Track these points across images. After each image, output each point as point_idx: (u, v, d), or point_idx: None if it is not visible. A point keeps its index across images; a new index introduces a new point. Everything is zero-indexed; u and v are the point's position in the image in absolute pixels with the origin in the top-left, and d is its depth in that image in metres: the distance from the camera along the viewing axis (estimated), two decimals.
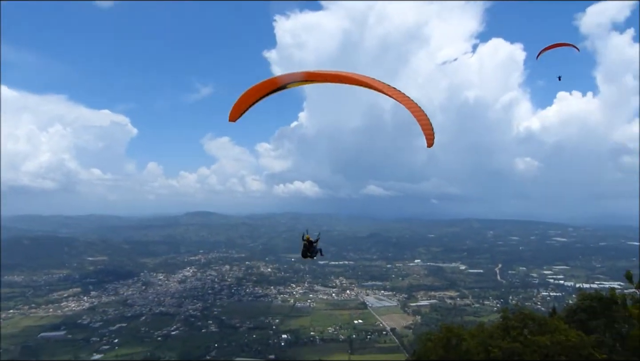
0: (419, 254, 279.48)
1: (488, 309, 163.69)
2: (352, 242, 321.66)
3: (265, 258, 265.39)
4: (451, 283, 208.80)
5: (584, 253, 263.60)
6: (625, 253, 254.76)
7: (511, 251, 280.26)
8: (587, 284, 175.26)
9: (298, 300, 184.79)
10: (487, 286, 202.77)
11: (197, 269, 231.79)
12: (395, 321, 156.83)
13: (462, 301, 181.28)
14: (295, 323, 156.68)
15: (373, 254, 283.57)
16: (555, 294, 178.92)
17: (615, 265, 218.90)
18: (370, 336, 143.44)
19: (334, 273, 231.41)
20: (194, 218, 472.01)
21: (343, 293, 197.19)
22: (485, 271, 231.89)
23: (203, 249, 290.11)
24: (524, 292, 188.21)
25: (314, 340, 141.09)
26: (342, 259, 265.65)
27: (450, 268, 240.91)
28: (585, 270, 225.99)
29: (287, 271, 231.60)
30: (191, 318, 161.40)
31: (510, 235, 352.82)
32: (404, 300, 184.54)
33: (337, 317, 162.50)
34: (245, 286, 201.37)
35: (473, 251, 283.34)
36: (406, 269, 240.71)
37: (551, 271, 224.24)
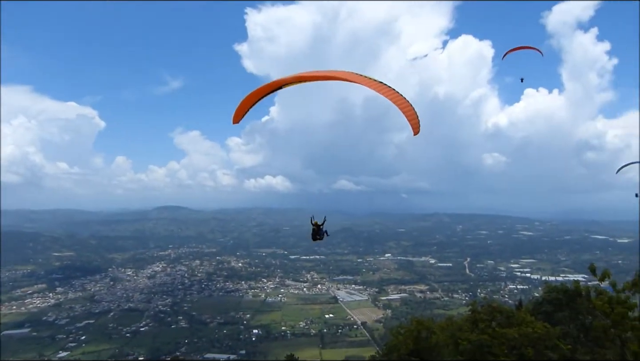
0: (390, 248, 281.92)
1: (457, 302, 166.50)
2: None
3: (236, 252, 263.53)
4: (421, 276, 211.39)
5: (549, 247, 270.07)
6: (589, 247, 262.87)
7: (480, 245, 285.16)
8: (553, 277, 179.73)
9: (269, 295, 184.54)
10: (456, 279, 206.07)
11: (167, 264, 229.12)
12: (366, 315, 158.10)
13: (432, 294, 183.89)
14: (266, 318, 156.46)
15: (344, 248, 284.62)
16: (522, 287, 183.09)
17: (579, 258, 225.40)
18: (341, 331, 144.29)
19: (305, 268, 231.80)
20: (164, 213, 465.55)
21: (314, 287, 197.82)
22: (454, 264, 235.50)
23: (173, 244, 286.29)
24: (492, 285, 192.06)
25: (285, 335, 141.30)
26: (313, 254, 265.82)
27: (420, 262, 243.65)
28: (551, 263, 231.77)
29: (258, 266, 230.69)
30: (161, 314, 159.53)
31: (479, 229, 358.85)
32: (375, 294, 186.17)
33: (308, 312, 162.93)
34: (216, 281, 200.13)
35: (442, 245, 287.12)
36: (377, 263, 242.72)
37: (518, 265, 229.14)
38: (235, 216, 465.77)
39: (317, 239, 18.54)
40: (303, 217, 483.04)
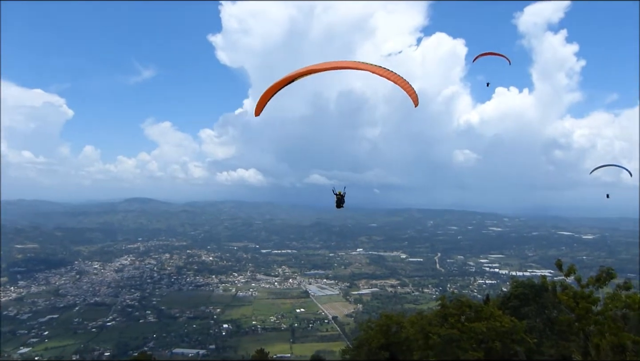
0: (361, 243, 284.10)
1: (427, 297, 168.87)
2: (295, 231, 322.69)
3: (207, 246, 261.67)
4: (392, 271, 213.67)
5: (517, 242, 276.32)
6: (556, 243, 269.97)
7: (450, 241, 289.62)
8: (520, 272, 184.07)
9: (240, 289, 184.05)
10: (426, 274, 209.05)
11: (136, 257, 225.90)
12: (337, 310, 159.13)
13: (403, 289, 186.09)
14: (236, 312, 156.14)
15: (316, 243, 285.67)
16: (491, 282, 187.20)
17: (546, 254, 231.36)
18: (312, 325, 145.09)
19: (277, 262, 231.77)
20: (133, 205, 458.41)
21: (285, 281, 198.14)
22: (425, 259, 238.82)
23: (142, 237, 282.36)
24: (461, 280, 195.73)
25: (255, 329, 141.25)
26: (285, 248, 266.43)
27: (391, 257, 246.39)
28: (519, 259, 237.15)
29: (229, 260, 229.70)
30: (128, 308, 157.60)
31: (449, 225, 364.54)
32: (346, 289, 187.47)
33: (279, 306, 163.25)
34: (186, 275, 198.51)
35: (413, 240, 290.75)
36: (348, 258, 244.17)
37: (487, 260, 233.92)
38: (206, 209, 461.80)
39: (341, 207, 21.08)
40: (275, 211, 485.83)
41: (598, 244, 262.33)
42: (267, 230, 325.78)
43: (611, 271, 28.13)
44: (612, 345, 21.87)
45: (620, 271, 55.75)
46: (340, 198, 20.84)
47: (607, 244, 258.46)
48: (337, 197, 20.93)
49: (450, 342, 31.28)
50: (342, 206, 21.04)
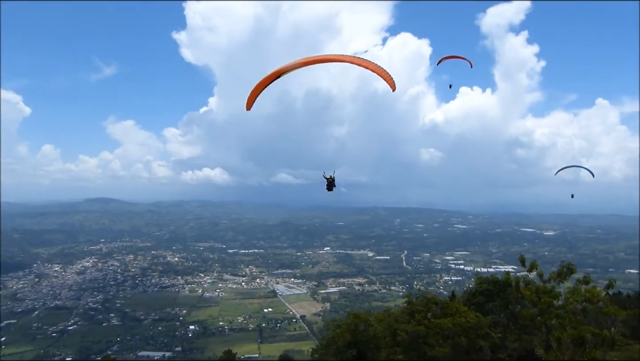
0: (329, 242, 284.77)
1: (394, 294, 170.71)
2: (262, 230, 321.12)
3: (172, 246, 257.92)
4: (359, 269, 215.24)
5: (482, 239, 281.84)
6: (519, 239, 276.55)
7: (416, 238, 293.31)
8: (485, 269, 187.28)
9: (206, 290, 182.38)
10: (393, 272, 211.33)
11: (98, 259, 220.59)
12: (305, 309, 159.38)
13: (370, 287, 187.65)
14: (203, 313, 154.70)
15: (283, 242, 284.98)
16: (457, 279, 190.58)
17: (509, 250, 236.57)
18: (280, 325, 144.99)
19: (244, 262, 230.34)
20: (95, 205, 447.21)
21: (253, 281, 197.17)
22: (391, 257, 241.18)
23: (104, 238, 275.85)
24: (427, 277, 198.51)
25: (222, 330, 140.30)
26: (252, 248, 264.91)
27: (358, 255, 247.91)
28: (483, 255, 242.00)
29: (195, 261, 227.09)
30: (91, 312, 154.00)
31: (416, 223, 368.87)
32: (314, 288, 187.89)
33: (247, 306, 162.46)
34: (151, 276, 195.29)
35: (380, 238, 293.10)
36: (316, 257, 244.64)
37: (453, 257, 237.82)
38: (171, 209, 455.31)
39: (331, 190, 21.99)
40: (242, 210, 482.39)
41: (559, 240, 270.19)
42: (234, 230, 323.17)
43: (571, 266, 29.07)
44: (572, 338, 22.60)
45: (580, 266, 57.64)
46: (331, 182, 21.85)
47: (567, 240, 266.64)
48: (327, 180, 21.90)
49: (417, 338, 31.80)
50: (332, 189, 22.02)
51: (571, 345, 22.58)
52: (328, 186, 21.99)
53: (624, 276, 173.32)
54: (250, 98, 18.80)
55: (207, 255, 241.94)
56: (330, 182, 21.98)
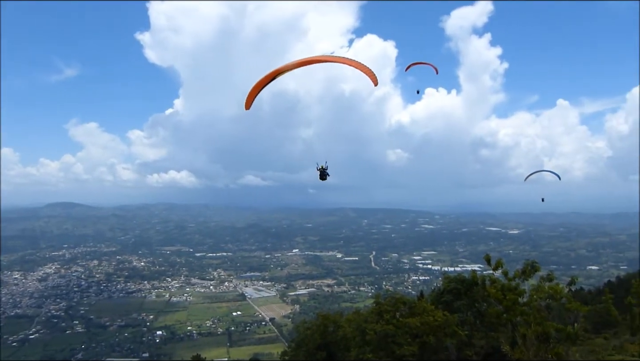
0: (297, 243, 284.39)
1: (363, 295, 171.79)
2: (230, 233, 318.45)
3: (138, 251, 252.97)
4: (328, 271, 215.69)
5: (449, 239, 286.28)
6: (484, 238, 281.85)
7: (384, 239, 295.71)
8: (452, 268, 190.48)
9: (174, 295, 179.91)
10: (362, 273, 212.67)
11: (61, 265, 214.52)
12: (274, 311, 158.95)
13: (339, 288, 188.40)
14: (170, 318, 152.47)
15: (252, 245, 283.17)
16: (424, 278, 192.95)
17: (475, 249, 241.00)
18: (249, 328, 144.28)
19: (212, 265, 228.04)
20: (57, 210, 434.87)
21: (221, 285, 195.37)
22: (360, 258, 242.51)
23: (67, 244, 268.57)
24: (396, 277, 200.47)
25: (191, 335, 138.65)
26: (220, 251, 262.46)
27: (327, 257, 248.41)
28: (450, 255, 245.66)
29: (161, 265, 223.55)
30: (53, 320, 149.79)
31: (384, 223, 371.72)
32: (283, 290, 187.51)
33: (215, 310, 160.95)
34: (116, 282, 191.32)
35: (349, 239, 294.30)
36: (285, 259, 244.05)
37: (420, 257, 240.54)
38: (137, 212, 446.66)
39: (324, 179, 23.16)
40: (209, 213, 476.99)
41: (523, 238, 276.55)
42: (201, 233, 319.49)
43: (535, 264, 29.71)
44: (537, 334, 23.08)
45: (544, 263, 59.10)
46: (323, 171, 22.96)
47: (531, 239, 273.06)
48: (319, 171, 23.04)
49: (386, 337, 32.13)
50: (325, 178, 23.19)
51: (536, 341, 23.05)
52: (321, 175, 23.14)
53: (585, 273, 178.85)
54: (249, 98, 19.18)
55: (174, 259, 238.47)
56: (322, 172, 23.11)
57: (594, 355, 26.97)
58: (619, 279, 71.83)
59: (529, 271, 29.20)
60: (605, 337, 33.26)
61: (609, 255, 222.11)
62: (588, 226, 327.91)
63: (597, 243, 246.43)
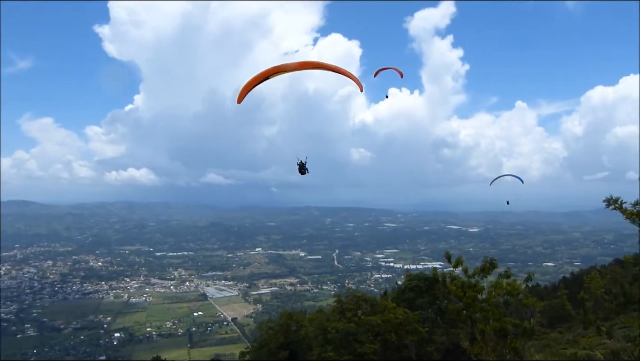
0: (260, 242, 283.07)
1: (326, 293, 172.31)
2: (191, 232, 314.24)
3: (95, 251, 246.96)
4: (291, 270, 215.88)
5: (411, 237, 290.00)
6: (445, 236, 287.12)
7: (347, 237, 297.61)
8: (414, 266, 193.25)
9: (133, 295, 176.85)
10: (325, 271, 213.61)
11: (12, 266, 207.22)
12: (237, 311, 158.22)
13: (302, 287, 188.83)
14: (129, 319, 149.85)
15: (214, 244, 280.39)
16: (387, 276, 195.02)
17: (437, 247, 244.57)
18: (211, 328, 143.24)
19: (172, 265, 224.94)
20: (9, 208, 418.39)
21: (182, 285, 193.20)
22: (323, 257, 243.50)
23: (19, 244, 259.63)
24: (359, 275, 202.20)
25: (150, 337, 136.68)
26: (181, 250, 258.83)
27: (290, 256, 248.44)
28: (412, 253, 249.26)
29: (120, 265, 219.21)
30: (3, 323, 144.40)
31: (347, 222, 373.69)
32: (245, 289, 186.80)
33: (176, 310, 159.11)
34: (72, 283, 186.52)
35: (312, 238, 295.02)
36: (247, 258, 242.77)
37: (383, 255, 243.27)
38: (94, 211, 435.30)
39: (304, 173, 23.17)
40: (170, 212, 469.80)
41: (482, 236, 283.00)
42: (162, 232, 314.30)
43: (494, 261, 30.29)
44: (495, 330, 23.59)
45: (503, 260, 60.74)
46: (302, 166, 23.06)
47: (490, 236, 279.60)
48: (299, 165, 23.10)
49: (348, 336, 32.31)
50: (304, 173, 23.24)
51: (494, 336, 23.54)
52: (300, 169, 23.32)
53: (541, 269, 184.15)
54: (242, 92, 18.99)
55: (133, 259, 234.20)
56: (302, 166, 23.27)
57: (548, 349, 27.78)
58: (573, 275, 74.02)
59: (488, 268, 29.72)
60: (559, 331, 34.35)
61: (564, 252, 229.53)
62: (544, 224, 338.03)
63: (553, 241, 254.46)
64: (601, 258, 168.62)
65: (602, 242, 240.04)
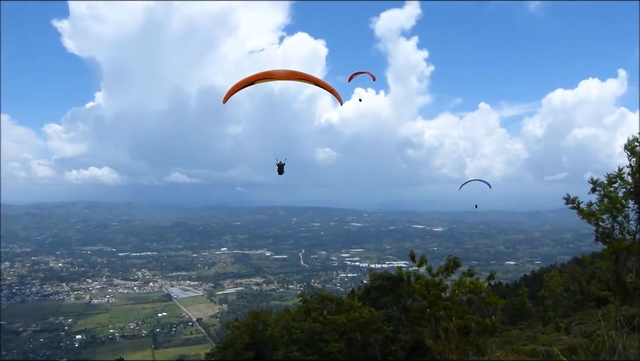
0: (225, 242, 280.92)
1: (292, 293, 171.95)
2: (155, 232, 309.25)
3: (55, 251, 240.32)
4: (257, 269, 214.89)
5: (376, 236, 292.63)
6: (410, 235, 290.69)
7: (313, 237, 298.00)
8: (379, 265, 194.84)
9: (94, 296, 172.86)
10: (291, 270, 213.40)
11: None
12: (202, 311, 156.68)
13: (268, 286, 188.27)
14: (91, 321, 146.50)
15: (178, 243, 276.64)
16: (352, 275, 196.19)
17: (402, 246, 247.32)
18: (175, 329, 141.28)
19: (136, 265, 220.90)
20: None
21: (145, 285, 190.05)
22: (289, 256, 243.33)
23: None
24: (325, 275, 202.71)
25: (113, 338, 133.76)
26: (145, 250, 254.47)
27: (256, 255, 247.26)
28: (378, 252, 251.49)
29: (81, 266, 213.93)
30: None
31: (313, 221, 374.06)
32: (211, 289, 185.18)
33: (139, 312, 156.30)
34: (31, 284, 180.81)
35: (278, 237, 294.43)
36: (213, 257, 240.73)
37: (349, 254, 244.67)
38: (54, 210, 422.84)
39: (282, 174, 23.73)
40: (133, 211, 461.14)
41: (447, 235, 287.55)
42: (125, 232, 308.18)
43: (457, 260, 30.87)
44: (458, 327, 24.03)
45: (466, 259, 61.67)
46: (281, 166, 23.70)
47: (454, 236, 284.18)
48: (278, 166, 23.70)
49: (313, 335, 32.41)
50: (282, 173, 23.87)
51: (457, 334, 23.95)
52: (279, 170, 23.95)
53: (503, 268, 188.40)
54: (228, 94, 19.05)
55: (95, 259, 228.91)
56: (280, 167, 23.91)
57: (509, 345, 28.46)
58: (533, 274, 76.07)
59: (452, 267, 30.25)
60: (520, 328, 35.08)
61: (525, 251, 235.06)
62: (506, 223, 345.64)
63: (514, 240, 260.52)
64: (561, 256, 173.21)
65: (561, 241, 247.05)
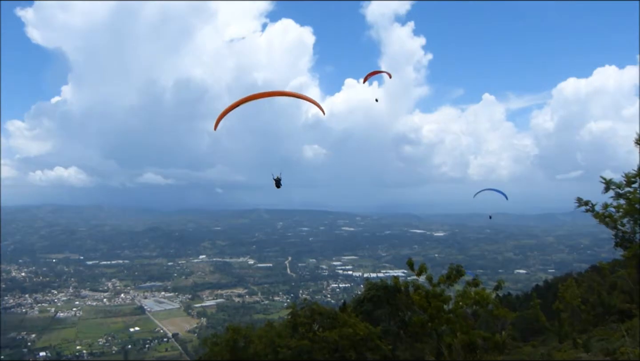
0: (204, 249, 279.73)
1: (278, 305, 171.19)
2: (127, 238, 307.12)
3: (17, 260, 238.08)
4: (239, 279, 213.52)
5: (371, 242, 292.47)
6: (408, 241, 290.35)
7: (301, 243, 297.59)
8: (374, 274, 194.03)
9: (60, 309, 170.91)
10: (277, 280, 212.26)
11: None
12: (178, 326, 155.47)
13: (251, 298, 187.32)
14: (56, 336, 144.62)
15: (152, 251, 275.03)
16: (345, 285, 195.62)
17: (399, 253, 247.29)
18: (149, 345, 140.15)
19: (106, 275, 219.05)
20: None
21: (116, 297, 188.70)
22: (275, 264, 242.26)
23: None
24: (314, 285, 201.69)
25: (80, 355, 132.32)
26: (116, 258, 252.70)
27: (238, 263, 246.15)
28: (372, 259, 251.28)
29: (46, 275, 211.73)
30: None
31: (300, 226, 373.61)
32: (188, 301, 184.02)
33: (110, 326, 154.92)
34: None
35: (262, 243, 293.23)
36: (190, 266, 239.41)
37: (340, 262, 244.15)
38: (16, 215, 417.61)
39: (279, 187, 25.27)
40: (103, 215, 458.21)
41: (449, 241, 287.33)
42: (94, 238, 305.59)
43: (460, 268, 30.35)
44: (463, 343, 23.43)
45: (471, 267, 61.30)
46: (278, 181, 25.10)
47: (457, 241, 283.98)
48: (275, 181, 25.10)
49: (302, 354, 31.50)
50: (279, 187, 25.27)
51: (462, 351, 23.41)
52: (276, 184, 25.28)
53: (513, 277, 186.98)
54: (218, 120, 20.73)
55: (61, 268, 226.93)
56: (277, 181, 25.26)
57: None
58: (547, 284, 74.59)
59: (454, 276, 29.76)
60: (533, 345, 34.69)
61: (537, 258, 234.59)
62: (515, 227, 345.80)
63: (525, 246, 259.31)
64: (577, 264, 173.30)
65: (577, 247, 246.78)
